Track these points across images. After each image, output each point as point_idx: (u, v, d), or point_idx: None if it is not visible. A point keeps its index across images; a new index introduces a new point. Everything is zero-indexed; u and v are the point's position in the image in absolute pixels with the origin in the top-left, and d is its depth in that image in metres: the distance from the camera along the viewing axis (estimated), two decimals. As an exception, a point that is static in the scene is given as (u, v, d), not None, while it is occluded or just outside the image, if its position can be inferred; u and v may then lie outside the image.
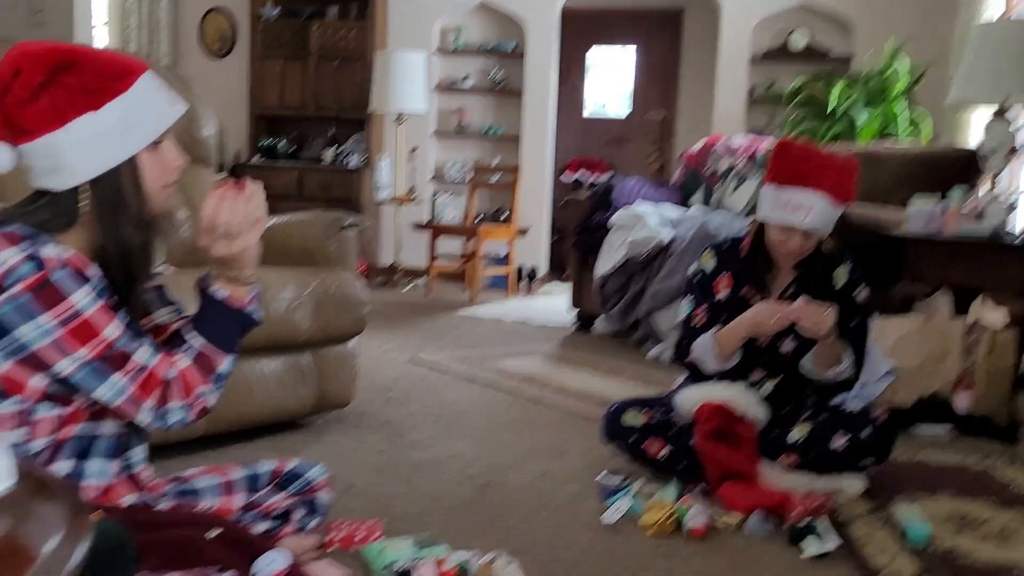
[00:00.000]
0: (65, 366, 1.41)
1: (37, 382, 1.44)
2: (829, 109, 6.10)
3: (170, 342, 1.60)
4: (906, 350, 3.35)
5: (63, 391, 1.47)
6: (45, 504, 0.94)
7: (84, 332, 1.41)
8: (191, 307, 1.66)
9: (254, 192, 1.54)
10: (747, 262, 2.62)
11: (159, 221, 1.58)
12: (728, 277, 2.65)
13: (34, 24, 6.15)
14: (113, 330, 1.44)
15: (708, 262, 2.68)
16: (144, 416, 1.48)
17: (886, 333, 3.44)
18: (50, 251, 1.42)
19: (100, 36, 7.41)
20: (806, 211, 2.42)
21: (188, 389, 1.51)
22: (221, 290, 1.57)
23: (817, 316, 2.38)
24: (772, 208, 2.48)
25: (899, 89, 6.00)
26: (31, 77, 1.40)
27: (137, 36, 7.56)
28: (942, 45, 6.13)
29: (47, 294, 1.39)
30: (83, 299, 1.42)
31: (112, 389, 1.45)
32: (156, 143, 1.52)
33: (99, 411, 1.51)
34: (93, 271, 1.47)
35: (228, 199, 1.52)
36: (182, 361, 1.52)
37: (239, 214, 1.52)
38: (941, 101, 5.53)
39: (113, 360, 1.44)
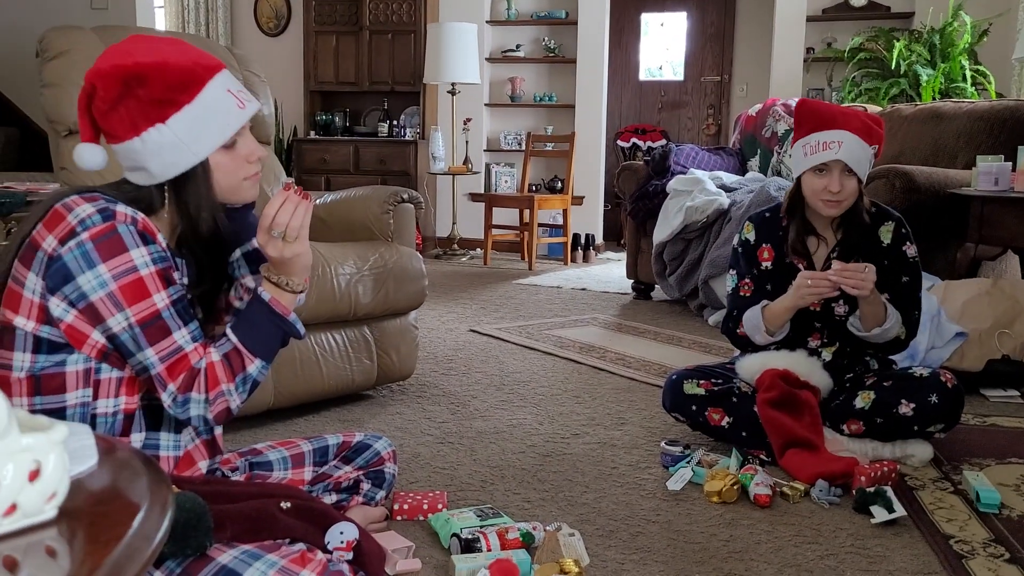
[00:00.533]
0: (114, 323, 1.45)
1: (96, 337, 1.48)
2: (892, 66, 5.97)
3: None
4: (975, 313, 3.29)
5: (116, 352, 1.50)
6: (131, 477, 0.97)
7: (135, 291, 1.45)
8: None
9: (310, 205, 1.58)
10: (788, 228, 2.60)
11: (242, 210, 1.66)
12: (769, 248, 2.63)
13: (97, 8, 6.26)
14: (161, 299, 1.47)
15: (749, 233, 2.67)
16: (165, 398, 1.50)
17: (954, 296, 3.38)
18: (122, 208, 1.48)
19: (159, 18, 7.51)
20: (838, 145, 2.42)
21: (211, 384, 1.51)
22: (266, 292, 1.59)
23: (857, 275, 2.36)
24: (804, 157, 2.48)
25: (962, 45, 5.85)
26: (107, 93, 1.48)
27: (195, 17, 7.66)
28: (1008, -2, 5.96)
29: (110, 244, 1.44)
30: (141, 258, 1.46)
31: (144, 361, 1.48)
32: (229, 143, 1.57)
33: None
34: (160, 239, 1.51)
35: (292, 202, 1.55)
36: (213, 355, 1.52)
37: (298, 219, 1.55)
38: (1006, 57, 5.39)
39: (152, 332, 1.46)
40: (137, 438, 1.58)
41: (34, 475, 0.83)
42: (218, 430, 1.72)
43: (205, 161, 1.55)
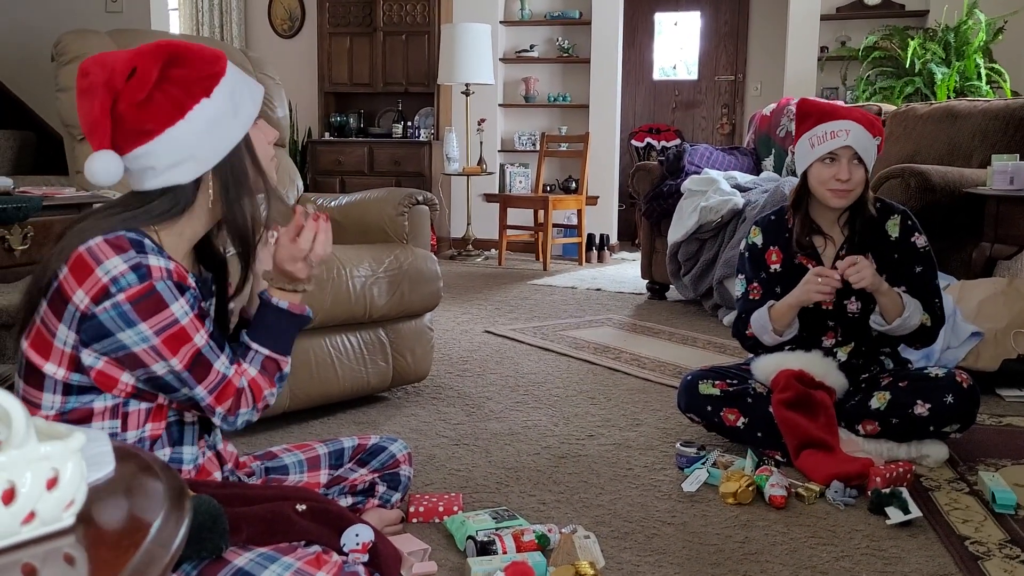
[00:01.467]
0: (158, 368, 1.47)
1: (127, 379, 1.49)
2: (906, 65, 5.94)
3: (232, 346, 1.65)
4: (990, 312, 3.27)
5: (150, 389, 1.52)
6: (148, 484, 0.98)
7: (178, 340, 1.46)
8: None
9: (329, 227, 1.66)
10: (793, 226, 2.60)
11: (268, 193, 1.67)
12: (777, 251, 2.63)
13: (112, 11, 6.29)
14: (200, 338, 1.49)
15: (755, 237, 2.67)
16: (215, 419, 1.56)
17: (969, 295, 3.36)
18: (155, 261, 1.45)
19: (173, 20, 7.54)
20: (846, 133, 2.44)
21: (258, 396, 1.59)
22: (281, 301, 1.64)
23: (856, 266, 2.37)
24: (811, 149, 2.50)
25: (977, 44, 5.82)
26: (147, 74, 1.44)
27: (209, 19, 7.69)
28: (1024, -5, 5.92)
29: (150, 303, 1.43)
30: (181, 309, 1.46)
31: (191, 395, 1.51)
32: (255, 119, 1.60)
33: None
34: (191, 281, 1.52)
35: (324, 231, 1.63)
36: (250, 370, 1.59)
37: (328, 246, 1.64)
38: (1021, 55, 5.35)
39: (198, 371, 1.49)
40: (162, 454, 1.59)
41: (52, 483, 0.84)
42: (220, 443, 1.75)
43: (247, 137, 1.57)
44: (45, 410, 1.49)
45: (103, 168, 1.45)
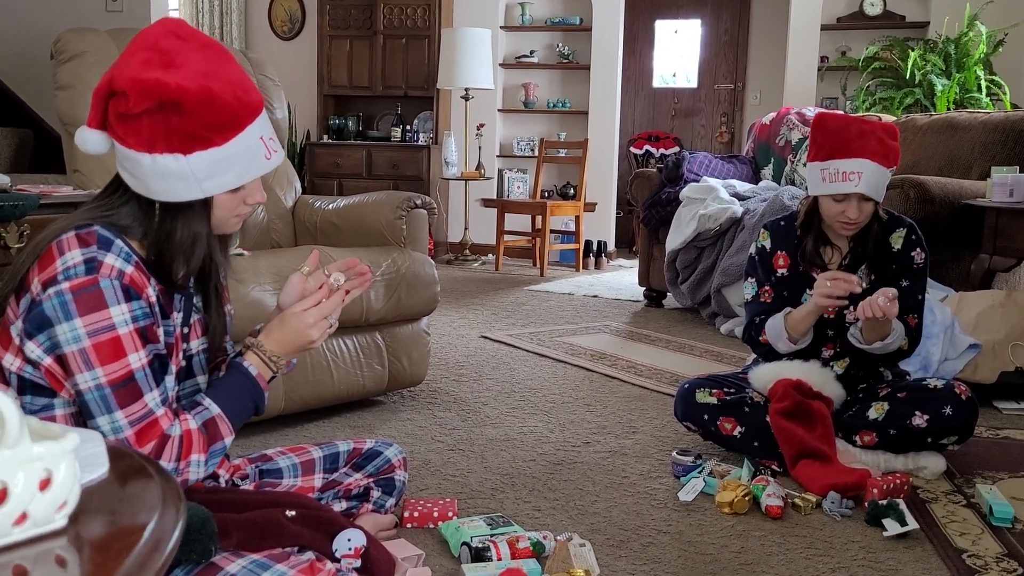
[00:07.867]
0: (81, 381, 1.39)
1: (70, 386, 1.43)
2: (907, 76, 5.95)
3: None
4: (989, 324, 3.27)
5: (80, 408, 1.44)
6: (142, 486, 0.97)
7: (110, 351, 1.38)
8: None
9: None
10: (802, 240, 2.59)
11: (219, 240, 1.60)
12: (784, 256, 2.62)
13: (112, 11, 6.28)
14: (136, 360, 1.41)
15: (764, 241, 2.67)
16: None
17: (968, 307, 3.36)
18: (112, 260, 1.40)
19: (172, 20, 7.52)
20: (857, 176, 2.40)
21: (184, 453, 1.44)
22: (253, 367, 1.57)
23: (883, 299, 2.32)
24: (822, 182, 2.46)
25: (978, 55, 5.83)
26: (137, 104, 1.36)
27: (209, 20, 7.68)
28: (1023, 9, 5.92)
29: (90, 298, 1.37)
30: (121, 316, 1.39)
31: (109, 425, 1.40)
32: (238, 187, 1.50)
33: None
34: (149, 292, 1.45)
35: (339, 296, 1.62)
36: (190, 422, 1.47)
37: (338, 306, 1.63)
38: (1021, 68, 5.36)
39: (123, 394, 1.39)
40: None
41: (45, 484, 0.83)
42: None
43: (209, 198, 1.47)
44: None
45: (85, 143, 1.44)
